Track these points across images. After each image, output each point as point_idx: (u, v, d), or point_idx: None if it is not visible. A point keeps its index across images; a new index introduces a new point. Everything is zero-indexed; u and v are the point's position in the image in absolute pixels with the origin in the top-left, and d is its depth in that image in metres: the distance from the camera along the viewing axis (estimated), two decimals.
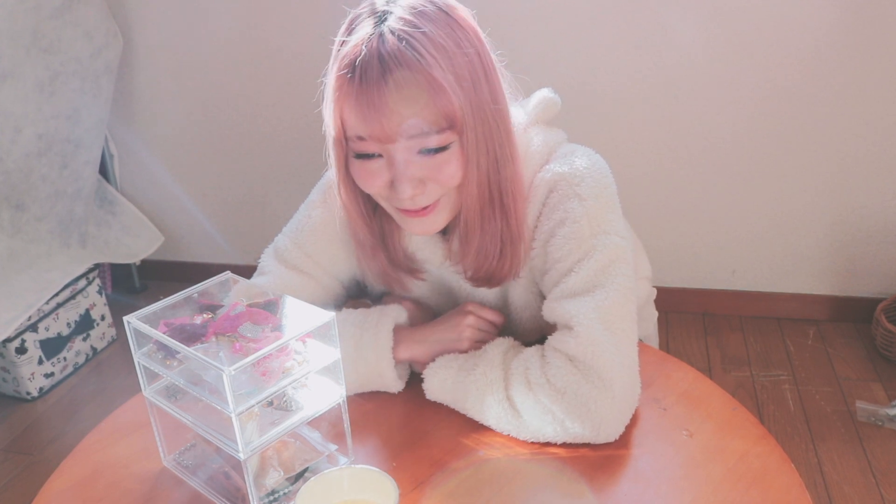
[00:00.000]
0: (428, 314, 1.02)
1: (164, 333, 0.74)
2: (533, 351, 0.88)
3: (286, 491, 0.78)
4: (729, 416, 0.89)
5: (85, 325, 2.30)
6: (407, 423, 0.91)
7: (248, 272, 1.03)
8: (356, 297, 1.11)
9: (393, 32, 0.77)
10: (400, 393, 0.95)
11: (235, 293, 0.83)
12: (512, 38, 2.09)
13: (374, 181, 0.83)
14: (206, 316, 0.78)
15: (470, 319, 0.94)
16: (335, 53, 0.81)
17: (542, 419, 0.83)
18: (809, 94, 2.00)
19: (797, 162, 2.09)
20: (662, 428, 0.87)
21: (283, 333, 0.75)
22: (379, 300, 1.07)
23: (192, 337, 0.74)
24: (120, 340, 2.42)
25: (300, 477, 0.80)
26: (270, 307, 0.79)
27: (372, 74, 0.76)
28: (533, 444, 0.86)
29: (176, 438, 0.86)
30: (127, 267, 2.67)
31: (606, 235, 0.87)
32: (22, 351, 2.09)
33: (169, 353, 0.77)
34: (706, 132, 2.10)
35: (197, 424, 0.76)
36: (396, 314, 0.96)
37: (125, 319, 0.78)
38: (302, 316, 0.77)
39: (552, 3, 2.03)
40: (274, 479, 0.77)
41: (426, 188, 0.83)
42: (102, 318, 2.36)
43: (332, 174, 0.92)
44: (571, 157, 0.91)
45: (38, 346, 2.13)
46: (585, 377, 0.82)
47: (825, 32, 1.93)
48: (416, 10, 0.79)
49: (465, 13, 0.84)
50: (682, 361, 0.99)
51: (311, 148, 2.39)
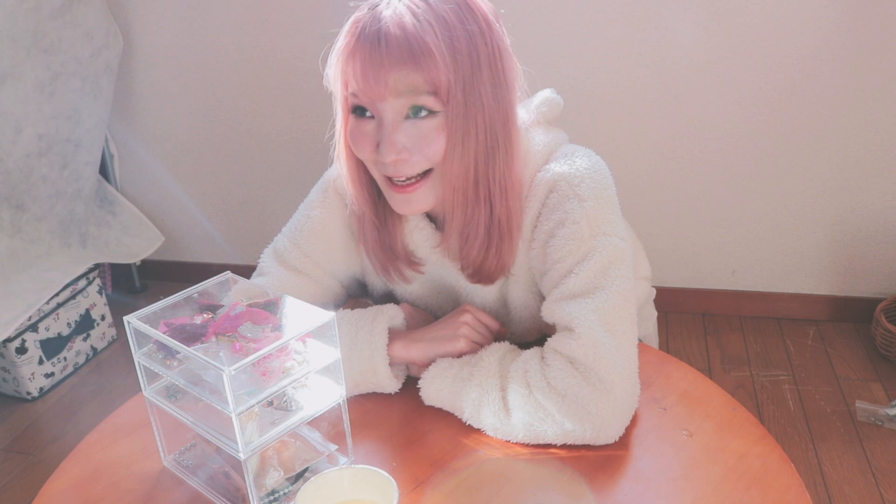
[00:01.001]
0: (426, 318, 1.02)
1: (164, 333, 0.74)
2: (532, 353, 0.88)
3: (286, 491, 0.78)
4: (729, 416, 0.89)
5: (85, 325, 2.30)
6: (407, 423, 0.91)
7: (248, 272, 1.03)
8: (357, 296, 1.11)
9: (400, 0, 0.81)
10: (400, 393, 0.95)
11: (235, 293, 0.83)
12: (512, 37, 2.09)
13: (364, 143, 0.85)
14: (206, 316, 0.78)
15: (466, 317, 0.94)
16: (349, 20, 0.84)
17: (541, 421, 0.83)
18: (809, 94, 2.00)
19: (797, 162, 2.09)
20: (662, 428, 0.87)
21: (283, 333, 0.75)
22: (380, 301, 1.07)
23: (192, 337, 0.74)
24: (120, 340, 2.42)
25: (300, 477, 0.80)
26: (270, 307, 0.79)
27: (369, 33, 0.79)
28: (534, 444, 0.86)
29: (176, 438, 0.86)
30: (127, 267, 2.67)
31: (606, 237, 0.87)
32: (22, 351, 2.09)
33: (169, 353, 0.77)
34: (706, 132, 2.10)
35: (197, 424, 0.76)
36: (393, 313, 0.95)
37: (125, 319, 0.78)
38: (302, 316, 0.77)
39: (553, 3, 2.03)
40: (274, 479, 0.77)
41: (411, 157, 0.83)
42: (102, 318, 2.36)
43: (337, 157, 0.93)
44: (571, 157, 0.91)
45: (38, 346, 2.13)
46: (586, 379, 0.82)
47: (825, 33, 1.93)
48: None
49: (482, 1, 0.85)
50: (681, 361, 0.99)
51: (310, 148, 2.39)
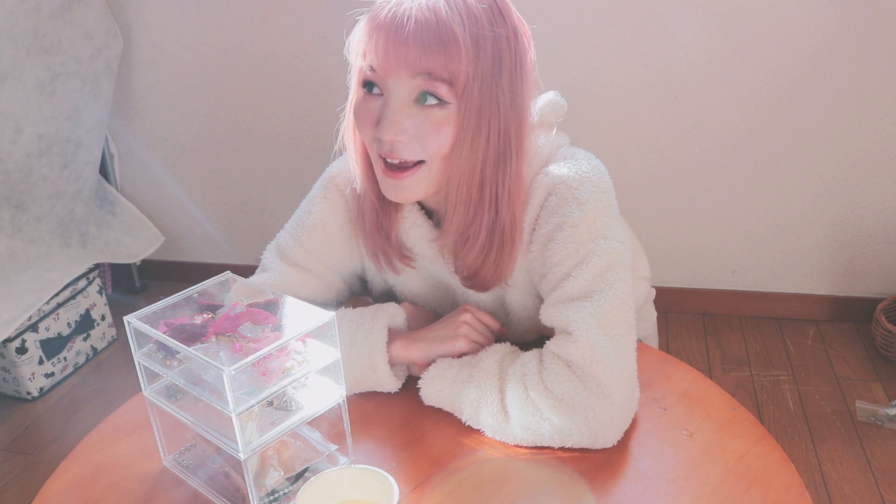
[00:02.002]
0: (427, 317, 1.02)
1: (164, 333, 0.74)
2: (531, 355, 0.88)
3: (286, 491, 0.78)
4: (729, 416, 0.89)
5: (85, 325, 2.30)
6: (407, 423, 0.91)
7: (248, 272, 1.03)
8: (359, 293, 1.11)
9: None
10: (400, 393, 0.95)
11: (235, 293, 0.83)
12: None
13: (368, 119, 0.84)
14: (206, 316, 0.78)
15: (466, 317, 0.94)
16: None
17: (538, 424, 0.83)
18: (809, 94, 2.00)
19: (797, 162, 2.09)
20: (662, 428, 0.87)
21: (283, 333, 0.75)
22: (380, 299, 1.07)
23: (192, 337, 0.74)
24: (120, 340, 2.42)
25: (300, 477, 0.80)
26: (270, 307, 0.79)
27: (400, 11, 0.79)
28: (532, 446, 0.86)
29: (176, 438, 0.86)
30: (127, 267, 2.67)
31: (605, 240, 0.87)
32: (22, 351, 2.09)
33: (169, 353, 0.77)
34: (706, 132, 2.10)
35: (197, 424, 0.76)
36: (393, 312, 0.96)
37: (125, 319, 0.78)
38: (302, 316, 0.77)
39: (553, 3, 2.03)
40: (274, 479, 0.77)
41: (409, 140, 0.83)
42: (103, 318, 2.36)
43: (345, 132, 0.93)
44: (571, 160, 0.90)
45: (38, 346, 2.13)
46: (583, 383, 0.82)
47: (825, 33, 1.93)
48: None
49: (515, 13, 0.86)
50: (681, 361, 0.99)
51: (310, 148, 2.39)
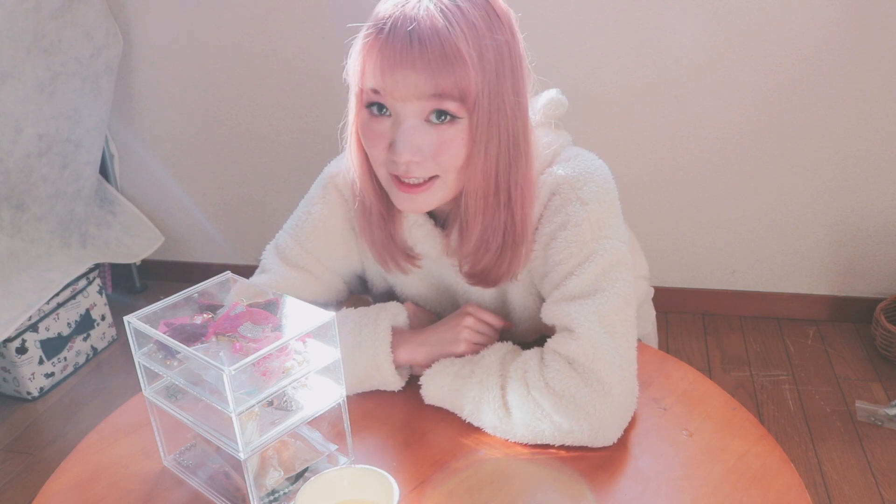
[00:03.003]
0: (429, 317, 1.02)
1: (164, 333, 0.75)
2: (532, 353, 0.88)
3: (286, 491, 0.78)
4: (729, 416, 0.89)
5: (85, 325, 2.30)
6: (407, 423, 0.91)
7: (248, 272, 1.03)
8: (359, 292, 1.11)
9: (432, 1, 0.80)
10: (400, 393, 0.95)
11: (235, 293, 0.83)
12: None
13: (377, 141, 0.84)
14: (206, 316, 0.78)
15: (468, 321, 0.94)
16: (377, 7, 0.83)
17: (539, 422, 0.84)
18: (809, 94, 2.00)
19: (797, 162, 2.09)
20: (662, 428, 0.87)
21: (283, 333, 0.75)
22: (380, 298, 1.07)
23: (192, 337, 0.74)
24: (120, 340, 2.42)
25: (300, 477, 0.80)
26: (270, 307, 0.79)
27: (399, 32, 0.78)
28: (533, 444, 0.86)
29: (176, 438, 0.86)
30: (127, 267, 2.67)
31: (607, 240, 0.87)
32: (22, 351, 2.09)
33: (169, 353, 0.77)
34: (706, 132, 2.10)
35: (197, 424, 0.76)
36: (396, 311, 0.96)
37: (125, 319, 0.78)
38: (302, 316, 0.77)
39: (553, 3, 2.03)
40: (274, 478, 0.77)
41: (424, 160, 0.82)
42: (103, 318, 2.36)
43: (347, 141, 0.92)
44: (574, 161, 0.91)
45: (38, 345, 2.13)
46: (584, 380, 0.82)
47: (825, 32, 1.93)
48: None
49: (504, 6, 0.85)
50: (681, 361, 1.00)
51: (311, 148, 2.39)
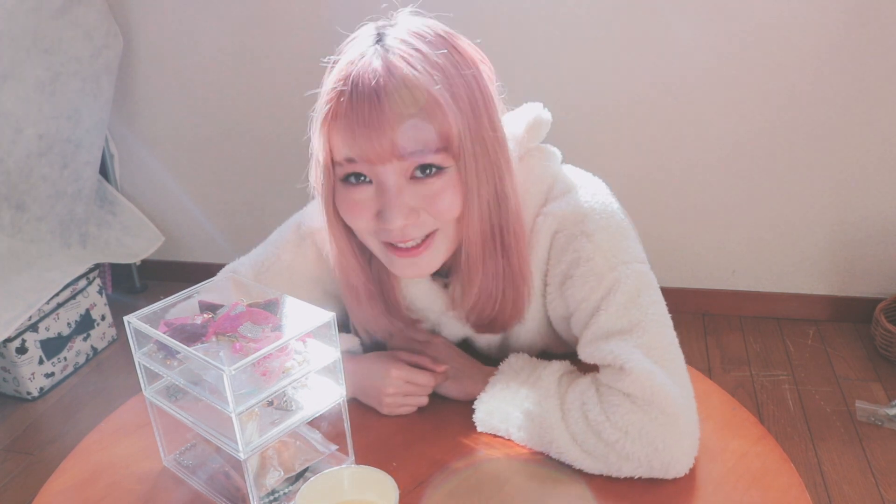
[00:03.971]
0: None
1: (164, 333, 0.75)
2: (588, 383, 0.83)
3: (286, 491, 0.78)
4: (729, 416, 0.89)
5: (85, 325, 2.30)
6: (407, 423, 0.91)
7: None
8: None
9: (388, 50, 0.73)
10: None
11: (234, 293, 0.83)
12: (513, 39, 2.09)
13: (361, 212, 0.78)
14: (206, 316, 0.78)
15: (392, 386, 0.89)
16: (328, 72, 0.77)
17: (606, 457, 0.79)
18: (810, 95, 2.00)
19: (797, 163, 2.09)
20: None
21: (283, 333, 0.75)
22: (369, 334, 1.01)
23: (192, 337, 0.74)
24: (120, 340, 2.42)
25: (300, 477, 0.80)
26: (270, 307, 0.79)
27: (364, 90, 0.71)
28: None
29: (176, 438, 0.86)
30: (127, 267, 2.67)
31: (625, 265, 0.82)
32: (22, 351, 2.09)
33: (169, 353, 0.77)
34: (706, 133, 2.10)
35: (197, 424, 0.76)
36: (347, 344, 0.93)
37: (125, 319, 0.78)
38: (302, 316, 0.77)
39: (554, 4, 2.03)
40: (274, 478, 0.77)
41: (419, 218, 0.77)
42: (103, 318, 2.36)
43: (318, 210, 0.86)
44: (568, 194, 0.85)
45: (38, 345, 2.13)
46: (647, 414, 0.78)
47: (827, 34, 1.93)
48: (414, 32, 0.75)
49: (465, 42, 0.79)
50: None
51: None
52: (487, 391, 0.87)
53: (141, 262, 2.66)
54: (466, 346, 0.99)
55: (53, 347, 2.18)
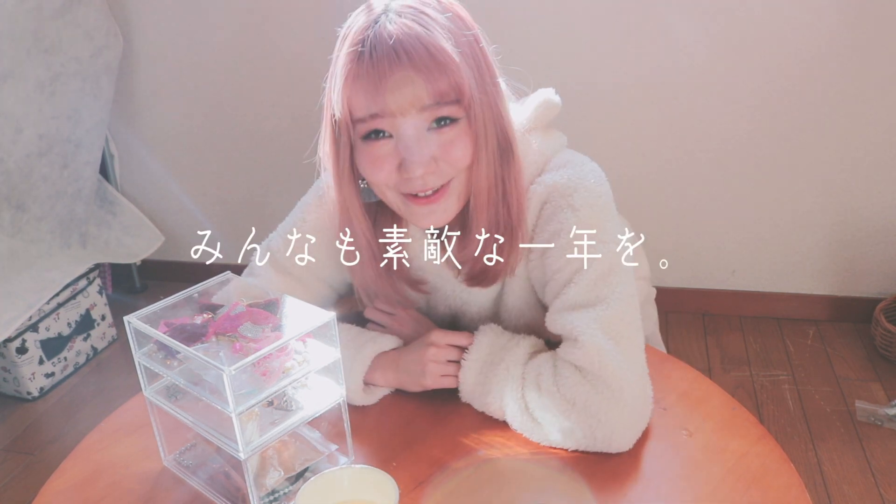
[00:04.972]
0: (427, 325, 1.00)
1: (164, 333, 0.75)
2: (547, 357, 0.88)
3: (286, 491, 0.78)
4: (729, 416, 0.89)
5: (85, 325, 2.30)
6: (407, 423, 0.91)
7: None
8: (348, 296, 1.10)
9: (400, 14, 0.80)
10: (400, 393, 0.95)
11: (229, 293, 0.83)
12: (512, 36, 2.09)
13: (382, 165, 0.83)
14: (206, 316, 0.78)
15: (431, 353, 0.91)
16: (341, 39, 0.83)
17: (552, 426, 0.84)
18: (809, 94, 2.00)
19: (797, 162, 2.09)
20: (662, 428, 0.87)
21: (283, 333, 0.75)
22: (372, 302, 1.06)
23: (192, 337, 0.74)
24: (120, 340, 2.42)
25: (300, 477, 0.80)
26: (270, 307, 0.79)
27: (384, 48, 0.78)
28: (533, 444, 0.86)
29: (176, 438, 0.86)
30: (127, 267, 2.67)
31: (603, 244, 0.86)
32: (22, 351, 2.09)
33: (169, 353, 0.77)
34: (706, 132, 2.10)
35: (197, 424, 0.76)
36: (384, 343, 0.94)
37: (125, 319, 0.78)
38: (302, 316, 0.77)
39: (553, 3, 2.03)
40: (274, 478, 0.77)
41: (438, 167, 0.83)
42: (103, 317, 2.36)
43: (328, 176, 0.92)
44: (564, 167, 0.90)
45: (38, 345, 2.13)
46: (594, 387, 0.82)
47: (825, 33, 1.93)
48: (419, 0, 0.82)
49: (461, 9, 0.86)
50: (681, 361, 1.00)
51: (311, 148, 2.38)
52: (471, 353, 0.90)
53: (141, 262, 2.66)
54: (456, 322, 1.02)
55: (53, 347, 2.18)
